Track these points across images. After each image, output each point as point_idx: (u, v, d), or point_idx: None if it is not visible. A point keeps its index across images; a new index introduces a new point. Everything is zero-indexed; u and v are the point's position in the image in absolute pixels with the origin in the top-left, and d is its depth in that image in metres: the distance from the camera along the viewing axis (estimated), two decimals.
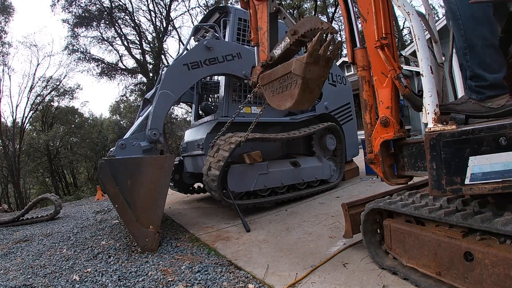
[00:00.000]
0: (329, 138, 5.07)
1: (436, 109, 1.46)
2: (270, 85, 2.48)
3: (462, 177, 1.30)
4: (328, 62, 2.25)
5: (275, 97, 2.45)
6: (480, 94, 1.57)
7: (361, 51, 1.95)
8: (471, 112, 1.59)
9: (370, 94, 1.94)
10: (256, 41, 2.83)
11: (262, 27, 2.75)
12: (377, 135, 1.85)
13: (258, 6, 2.77)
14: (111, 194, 2.83)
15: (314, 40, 2.07)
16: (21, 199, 19.29)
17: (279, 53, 2.48)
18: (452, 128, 1.34)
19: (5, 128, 19.64)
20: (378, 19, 1.81)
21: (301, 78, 2.13)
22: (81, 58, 19.78)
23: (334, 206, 3.87)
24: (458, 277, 1.53)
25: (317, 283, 1.95)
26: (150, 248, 2.88)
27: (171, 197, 6.01)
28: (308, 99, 2.32)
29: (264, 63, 2.56)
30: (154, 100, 3.70)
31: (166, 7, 20.57)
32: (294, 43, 2.37)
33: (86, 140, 24.84)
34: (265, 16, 2.71)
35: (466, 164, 1.28)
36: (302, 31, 2.29)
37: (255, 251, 2.66)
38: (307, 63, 2.10)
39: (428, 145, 1.38)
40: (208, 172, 3.56)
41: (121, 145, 3.39)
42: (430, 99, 1.48)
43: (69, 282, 2.36)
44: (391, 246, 1.95)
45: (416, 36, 1.51)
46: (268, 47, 2.65)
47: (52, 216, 5.44)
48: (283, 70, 2.30)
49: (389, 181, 1.89)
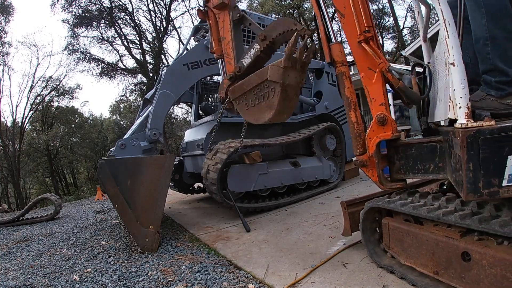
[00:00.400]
0: (329, 138, 5.07)
1: (469, 103, 1.30)
2: (243, 97, 2.23)
3: (500, 179, 1.20)
4: (304, 67, 2.08)
5: (250, 110, 2.21)
6: (500, 90, 1.47)
7: (338, 45, 1.85)
8: (490, 109, 1.48)
9: (352, 91, 1.84)
10: (220, 53, 2.61)
11: (225, 37, 2.53)
12: (373, 135, 1.74)
13: (219, 15, 2.57)
14: (111, 194, 2.83)
15: (291, 41, 1.91)
16: (21, 199, 19.28)
17: (249, 62, 2.26)
18: (491, 125, 1.22)
19: (5, 128, 19.64)
20: (358, 12, 1.72)
21: (280, 85, 1.92)
22: (81, 58, 19.79)
23: (334, 206, 3.87)
24: (455, 277, 1.53)
25: (317, 283, 1.95)
26: (150, 248, 2.88)
27: (171, 197, 6.01)
28: (288, 108, 2.12)
29: (232, 75, 2.35)
30: (154, 100, 3.70)
31: (166, 7, 20.58)
32: (265, 49, 2.18)
33: (86, 140, 24.84)
34: (228, 25, 2.50)
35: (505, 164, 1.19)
36: (273, 36, 2.11)
37: (255, 251, 2.66)
38: (285, 67, 1.91)
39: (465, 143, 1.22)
40: (206, 175, 3.56)
41: (121, 145, 3.40)
42: (463, 91, 1.31)
43: (69, 282, 2.36)
44: (389, 245, 1.95)
45: (446, 21, 1.35)
46: (235, 57, 2.44)
47: (52, 216, 5.43)
48: (258, 79, 2.08)
49: (383, 186, 1.79)
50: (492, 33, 1.44)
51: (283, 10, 20.82)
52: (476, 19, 1.50)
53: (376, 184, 1.81)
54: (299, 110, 5.40)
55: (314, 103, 5.35)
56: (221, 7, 2.49)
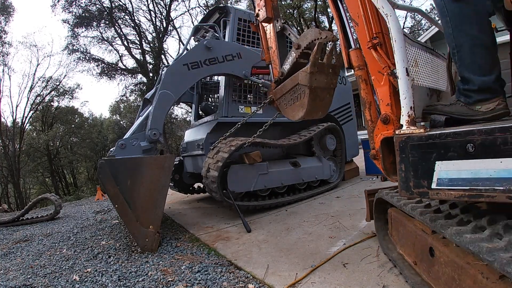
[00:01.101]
0: (329, 138, 5.07)
1: (410, 111, 1.45)
2: (283, 98, 2.61)
3: (429, 181, 1.29)
4: (335, 69, 2.35)
5: (288, 109, 2.58)
6: (468, 97, 1.49)
7: (355, 51, 2.00)
8: (459, 114, 1.53)
9: (368, 92, 1.97)
10: (269, 60, 2.98)
11: (272, 46, 2.92)
12: (378, 132, 1.86)
13: (266, 27, 2.98)
14: (111, 194, 2.83)
15: (314, 50, 2.18)
16: (21, 199, 19.28)
17: (288, 68, 2.59)
18: (420, 132, 1.34)
19: (5, 128, 19.64)
20: (367, 21, 1.85)
21: (308, 88, 2.24)
22: (81, 58, 19.78)
23: (334, 206, 3.87)
24: (425, 270, 1.63)
25: (317, 283, 1.95)
26: (150, 248, 2.88)
27: (171, 197, 6.01)
28: (320, 107, 2.43)
29: (277, 79, 2.69)
30: (154, 100, 3.70)
31: (166, 7, 20.57)
32: (300, 56, 2.47)
33: (86, 140, 24.85)
34: (273, 36, 2.89)
35: (433, 168, 1.27)
36: (304, 44, 2.39)
37: (255, 251, 2.66)
38: (311, 72, 2.20)
39: (398, 147, 1.40)
40: (207, 174, 3.56)
41: (121, 145, 3.40)
42: (405, 101, 1.47)
43: (69, 282, 2.36)
44: (392, 233, 2.16)
45: (393, 38, 1.50)
46: (279, 63, 2.81)
47: (52, 216, 5.44)
48: (292, 83, 2.42)
49: (390, 178, 1.88)
50: (458, 42, 1.46)
51: (283, 10, 20.82)
52: (444, 28, 1.52)
53: (384, 175, 1.95)
54: None
55: None
56: (267, 21, 2.93)
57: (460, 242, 1.20)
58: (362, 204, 3.74)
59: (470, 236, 1.18)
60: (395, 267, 1.94)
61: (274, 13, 2.92)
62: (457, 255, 1.32)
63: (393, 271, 1.94)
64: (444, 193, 1.25)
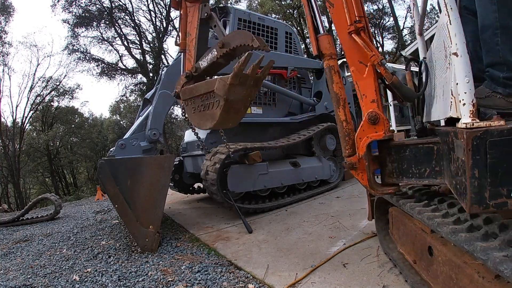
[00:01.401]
0: (329, 138, 5.07)
1: (475, 99, 1.11)
2: (192, 101, 2.30)
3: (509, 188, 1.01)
4: (258, 81, 2.14)
5: (196, 115, 2.30)
6: (509, 87, 1.31)
7: (326, 37, 1.71)
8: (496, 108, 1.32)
9: (341, 86, 1.68)
10: (184, 47, 2.58)
11: (191, 33, 2.53)
12: (363, 135, 1.58)
13: (190, 9, 2.55)
14: (111, 194, 2.83)
15: (241, 61, 1.93)
16: (21, 199, 19.27)
17: (205, 66, 2.32)
18: (500, 125, 1.02)
19: (5, 128, 19.63)
20: (349, 1, 1.59)
21: (224, 100, 1.99)
22: (81, 58, 19.76)
23: (334, 206, 3.87)
24: (424, 268, 1.59)
25: (317, 283, 1.95)
26: (150, 248, 2.88)
27: (171, 197, 6.01)
28: (232, 119, 2.21)
29: (189, 74, 2.39)
30: (154, 100, 3.70)
31: (166, 7, 20.55)
32: (222, 56, 2.22)
33: (86, 140, 24.82)
34: (195, 22, 2.49)
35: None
36: (232, 45, 2.15)
37: (255, 251, 2.66)
38: (231, 84, 1.95)
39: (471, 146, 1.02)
40: (206, 176, 3.57)
41: (121, 145, 3.40)
42: (468, 85, 1.11)
43: (69, 282, 2.36)
44: (393, 232, 2.12)
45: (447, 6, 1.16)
46: (195, 56, 2.45)
47: (52, 216, 5.43)
48: (206, 88, 2.15)
49: (374, 190, 1.66)
50: (504, 22, 1.27)
51: (282, 10, 20.82)
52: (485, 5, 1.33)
53: (367, 189, 1.69)
54: (299, 110, 5.41)
55: (314, 103, 5.36)
56: (193, 1, 2.49)
57: (456, 241, 1.13)
58: (362, 204, 3.74)
59: (465, 234, 1.12)
60: (395, 266, 1.94)
61: None
62: (455, 254, 1.29)
63: (393, 271, 1.93)
64: None
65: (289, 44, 5.31)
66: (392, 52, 25.07)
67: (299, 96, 5.29)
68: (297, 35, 6.35)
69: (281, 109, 5.11)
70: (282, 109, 5.15)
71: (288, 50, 5.28)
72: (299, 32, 20.99)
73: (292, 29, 5.73)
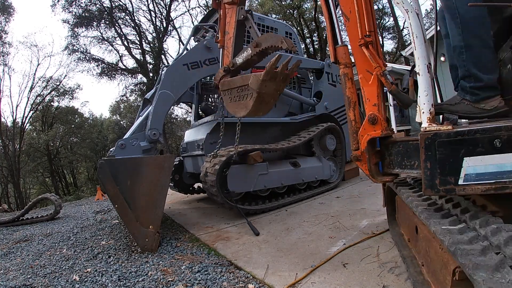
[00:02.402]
0: (329, 138, 5.07)
1: (432, 108, 1.44)
2: (229, 92, 2.61)
3: (456, 178, 1.30)
4: (286, 78, 2.42)
5: (232, 104, 2.59)
6: (475, 95, 1.56)
7: (343, 48, 1.97)
8: (465, 113, 1.60)
9: (353, 91, 1.96)
10: (222, 44, 2.87)
11: (229, 32, 2.81)
12: (364, 132, 1.87)
13: (228, 10, 2.82)
14: (111, 194, 2.83)
15: (272, 61, 2.22)
16: (21, 199, 19.27)
17: (241, 62, 2.60)
18: (448, 129, 1.34)
19: (5, 128, 19.63)
20: (361, 17, 1.82)
21: (256, 93, 2.29)
22: (81, 58, 19.76)
23: (334, 206, 3.87)
24: (413, 245, 1.91)
25: (317, 283, 1.95)
26: (150, 248, 2.88)
27: (171, 197, 6.01)
28: (263, 109, 2.49)
29: (227, 68, 2.69)
30: (154, 100, 3.70)
31: (166, 7, 20.57)
32: (256, 54, 2.49)
33: (86, 140, 24.83)
34: (233, 22, 2.76)
35: (461, 165, 1.29)
36: (264, 46, 2.42)
37: (255, 251, 2.66)
38: (264, 80, 2.24)
39: (423, 145, 1.37)
40: (205, 178, 3.57)
41: (121, 145, 3.40)
42: (426, 98, 1.45)
43: (69, 282, 2.36)
44: (399, 216, 2.40)
45: (414, 34, 1.48)
46: (232, 52, 2.74)
47: (52, 216, 5.44)
48: (242, 82, 2.44)
49: (375, 179, 1.94)
50: (467, 42, 1.54)
51: (283, 10, 20.81)
52: (452, 29, 1.60)
53: (368, 177, 1.96)
54: (299, 110, 5.41)
55: (314, 103, 5.36)
56: (231, 3, 2.77)
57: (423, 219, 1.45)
58: (362, 204, 3.74)
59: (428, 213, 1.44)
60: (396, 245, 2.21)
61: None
62: (429, 232, 1.49)
63: (393, 271, 1.94)
64: (471, 188, 1.28)
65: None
66: (392, 52, 25.07)
67: (299, 96, 5.29)
68: (297, 35, 6.34)
69: (281, 109, 5.11)
70: (282, 109, 5.15)
71: (288, 50, 5.28)
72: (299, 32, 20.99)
73: (292, 29, 5.74)
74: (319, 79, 5.65)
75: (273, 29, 5.04)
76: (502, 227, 1.12)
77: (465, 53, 1.56)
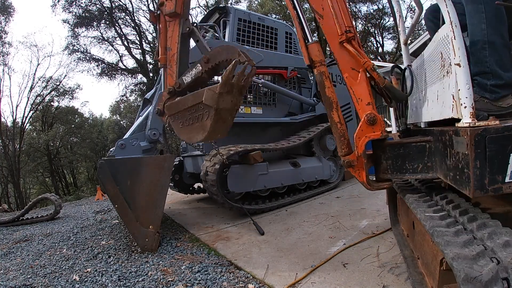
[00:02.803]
0: (329, 138, 5.07)
1: (473, 103, 1.33)
2: (179, 115, 2.30)
3: (503, 175, 1.24)
4: (241, 90, 2.16)
5: (184, 129, 2.30)
6: (495, 93, 1.55)
7: (315, 45, 1.83)
8: (484, 111, 1.54)
9: (333, 90, 1.82)
10: (164, 62, 2.54)
11: (171, 48, 2.49)
12: (362, 134, 1.74)
13: (169, 23, 2.51)
14: (111, 194, 2.83)
15: (229, 69, 1.98)
16: (21, 199, 19.26)
17: (189, 81, 2.32)
18: (496, 124, 1.26)
19: (5, 128, 19.62)
20: (338, 13, 1.71)
21: (214, 109, 2.02)
22: (81, 58, 19.74)
23: (334, 206, 3.87)
24: (411, 239, 1.98)
25: (317, 283, 1.95)
26: (150, 248, 2.88)
27: (171, 197, 6.00)
28: (222, 129, 2.21)
29: (172, 90, 2.38)
30: (154, 100, 3.70)
31: None
32: (207, 71, 2.24)
33: (86, 140, 24.80)
34: (176, 36, 2.45)
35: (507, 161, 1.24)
36: (216, 61, 2.18)
37: (255, 251, 2.66)
38: (221, 93, 1.99)
39: (473, 142, 1.25)
40: (206, 177, 3.57)
41: (121, 145, 3.39)
42: (468, 91, 1.33)
43: (69, 282, 2.36)
44: (400, 213, 2.43)
45: (452, 23, 1.36)
46: (177, 71, 2.43)
47: (52, 216, 5.43)
48: (194, 100, 2.15)
49: (371, 186, 1.81)
50: (491, 38, 1.52)
51: (283, 10, 20.80)
52: (475, 23, 1.57)
53: (363, 185, 1.81)
54: (299, 110, 5.41)
55: (314, 103, 5.36)
56: (173, 16, 2.45)
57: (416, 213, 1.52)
58: (362, 204, 3.74)
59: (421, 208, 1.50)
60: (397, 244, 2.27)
61: (184, 10, 2.46)
62: (423, 226, 1.51)
63: (393, 271, 1.94)
64: None
65: (289, 44, 5.32)
66: (392, 52, 25.06)
67: (299, 96, 5.29)
68: None
69: (281, 109, 5.11)
70: (282, 109, 5.15)
71: (288, 50, 5.28)
72: None
73: (292, 29, 5.73)
74: None
75: (273, 29, 5.05)
76: (487, 222, 1.16)
77: (488, 49, 1.53)
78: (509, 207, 1.51)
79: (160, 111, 2.47)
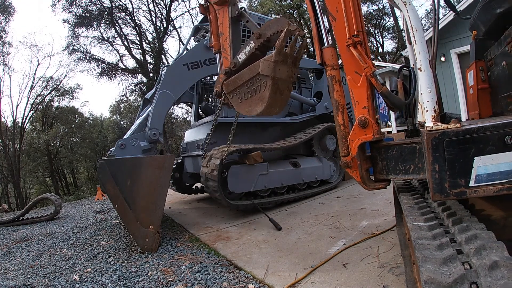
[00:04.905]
0: (329, 138, 5.07)
1: (436, 106, 1.34)
2: (237, 91, 2.33)
3: (467, 179, 1.21)
4: (295, 61, 2.19)
5: (243, 104, 2.30)
6: None
7: (330, 49, 1.87)
8: None
9: (341, 94, 1.87)
10: (218, 48, 2.66)
11: (223, 33, 2.61)
12: (355, 137, 1.78)
13: (219, 11, 2.63)
14: (111, 194, 2.83)
15: (282, 37, 1.99)
16: (21, 199, 19.26)
17: (243, 59, 2.35)
18: (456, 127, 1.23)
19: (5, 128, 19.62)
20: (349, 17, 1.74)
21: (271, 79, 2.03)
22: (81, 58, 19.75)
23: (334, 206, 3.87)
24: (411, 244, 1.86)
25: (317, 283, 1.95)
26: (150, 248, 2.88)
27: (171, 197, 6.01)
28: (279, 101, 2.21)
29: (228, 70, 2.42)
30: (154, 100, 3.70)
31: (166, 7, 20.55)
32: (259, 47, 2.27)
33: (86, 140, 24.81)
34: (227, 21, 2.57)
35: (471, 165, 1.20)
36: (268, 34, 2.20)
37: (255, 251, 2.66)
38: (276, 61, 2.00)
39: (430, 145, 1.24)
40: (206, 183, 3.59)
41: (121, 145, 3.40)
42: (430, 95, 1.34)
43: (69, 282, 2.36)
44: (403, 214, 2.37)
45: (413, 28, 1.38)
46: (231, 53, 2.52)
47: (52, 216, 5.43)
48: (250, 73, 2.18)
49: (367, 186, 1.85)
50: None
51: (283, 10, 20.81)
52: None
53: (360, 185, 1.86)
54: (299, 110, 5.41)
55: (314, 103, 5.36)
56: (221, 3, 2.58)
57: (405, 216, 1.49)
58: (362, 204, 3.74)
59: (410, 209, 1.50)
60: None
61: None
62: None
63: (393, 271, 1.94)
64: (483, 189, 1.21)
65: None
66: (392, 52, 25.06)
67: (299, 96, 5.29)
68: None
69: None
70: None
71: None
72: None
73: None
74: (319, 79, 5.65)
75: None
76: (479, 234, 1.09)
77: None
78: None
79: (218, 92, 2.54)
